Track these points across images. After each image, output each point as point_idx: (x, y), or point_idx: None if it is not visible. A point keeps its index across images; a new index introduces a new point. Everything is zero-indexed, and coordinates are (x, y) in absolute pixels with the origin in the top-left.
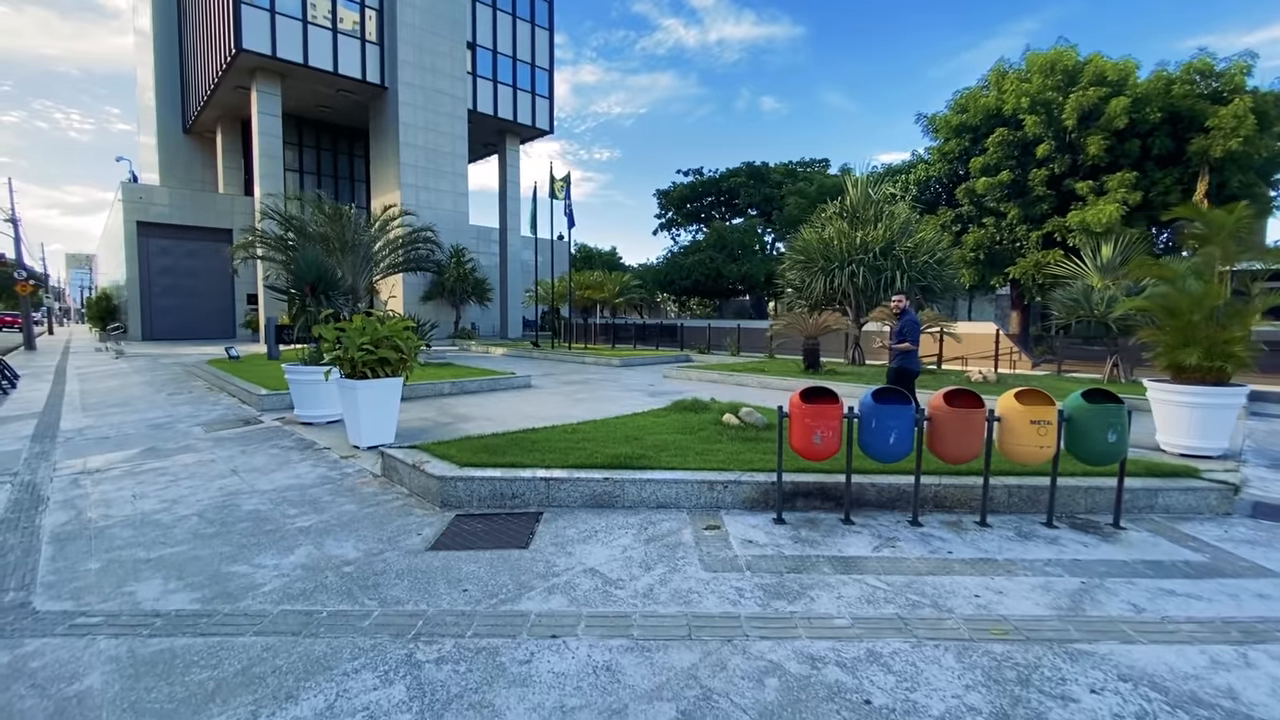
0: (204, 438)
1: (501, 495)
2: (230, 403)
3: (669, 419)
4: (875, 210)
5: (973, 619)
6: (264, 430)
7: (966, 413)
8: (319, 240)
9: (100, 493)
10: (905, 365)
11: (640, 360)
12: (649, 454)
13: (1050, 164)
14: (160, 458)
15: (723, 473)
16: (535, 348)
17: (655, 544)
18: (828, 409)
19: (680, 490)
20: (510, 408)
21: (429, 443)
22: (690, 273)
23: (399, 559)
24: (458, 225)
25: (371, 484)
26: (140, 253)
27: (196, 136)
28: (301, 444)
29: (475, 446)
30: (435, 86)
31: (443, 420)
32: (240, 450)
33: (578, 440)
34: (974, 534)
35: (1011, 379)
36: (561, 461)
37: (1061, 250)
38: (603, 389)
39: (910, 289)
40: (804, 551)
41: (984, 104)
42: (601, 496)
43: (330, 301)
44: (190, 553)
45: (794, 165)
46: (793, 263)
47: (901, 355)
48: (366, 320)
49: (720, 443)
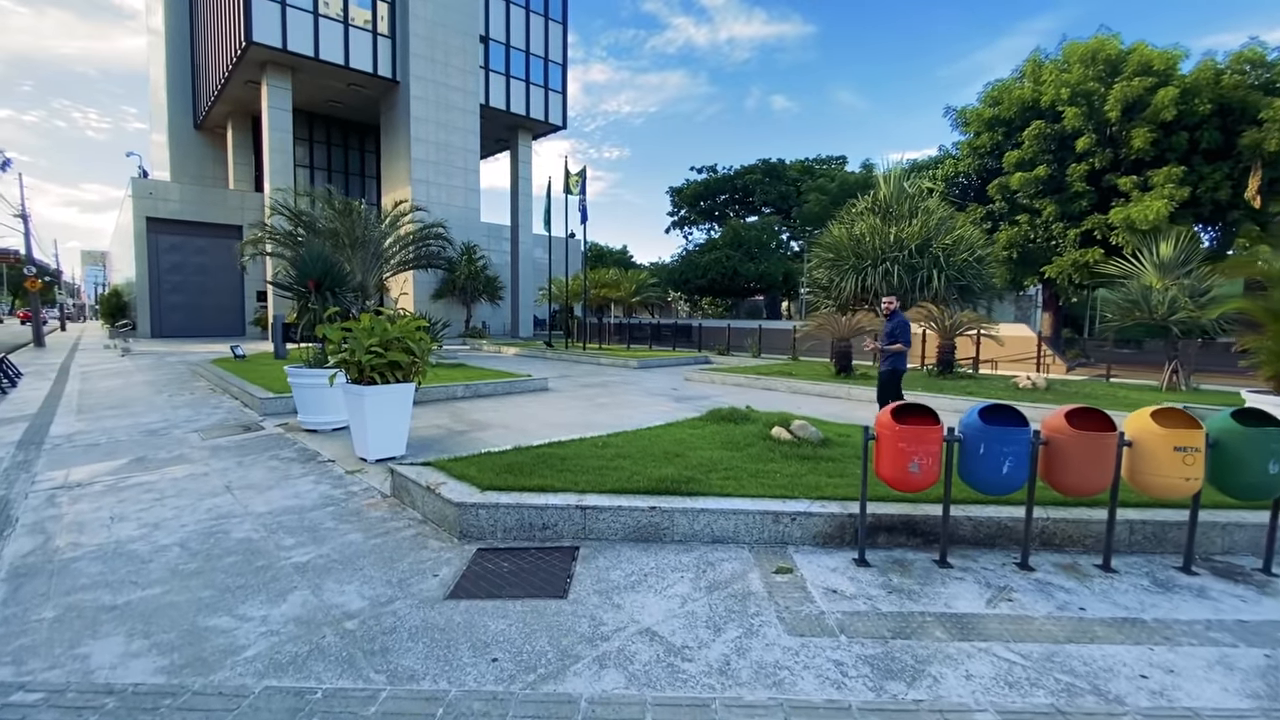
0: (200, 446)
1: (530, 525)
2: (232, 406)
3: (708, 431)
4: (910, 205)
5: (1154, 715)
6: (264, 438)
7: (1096, 437)
8: (328, 236)
9: (76, 514)
10: (896, 366)
11: (658, 362)
12: (697, 476)
13: (1090, 158)
14: (149, 470)
15: (788, 501)
16: (549, 348)
17: (720, 593)
18: (926, 431)
19: (740, 522)
20: (528, 414)
21: (445, 459)
22: (706, 271)
23: (412, 611)
24: (469, 222)
25: (380, 506)
26: (149, 249)
27: (207, 133)
28: (304, 455)
29: (497, 465)
30: (447, 81)
31: (457, 428)
32: (237, 462)
33: (611, 457)
34: (1100, 582)
35: (1062, 386)
36: (597, 485)
37: (1101, 249)
38: (624, 393)
39: (948, 288)
40: (903, 606)
41: (1018, 96)
42: (647, 529)
43: (337, 299)
44: (164, 598)
45: (810, 162)
46: (820, 260)
47: (893, 356)
48: (375, 319)
49: (774, 461)
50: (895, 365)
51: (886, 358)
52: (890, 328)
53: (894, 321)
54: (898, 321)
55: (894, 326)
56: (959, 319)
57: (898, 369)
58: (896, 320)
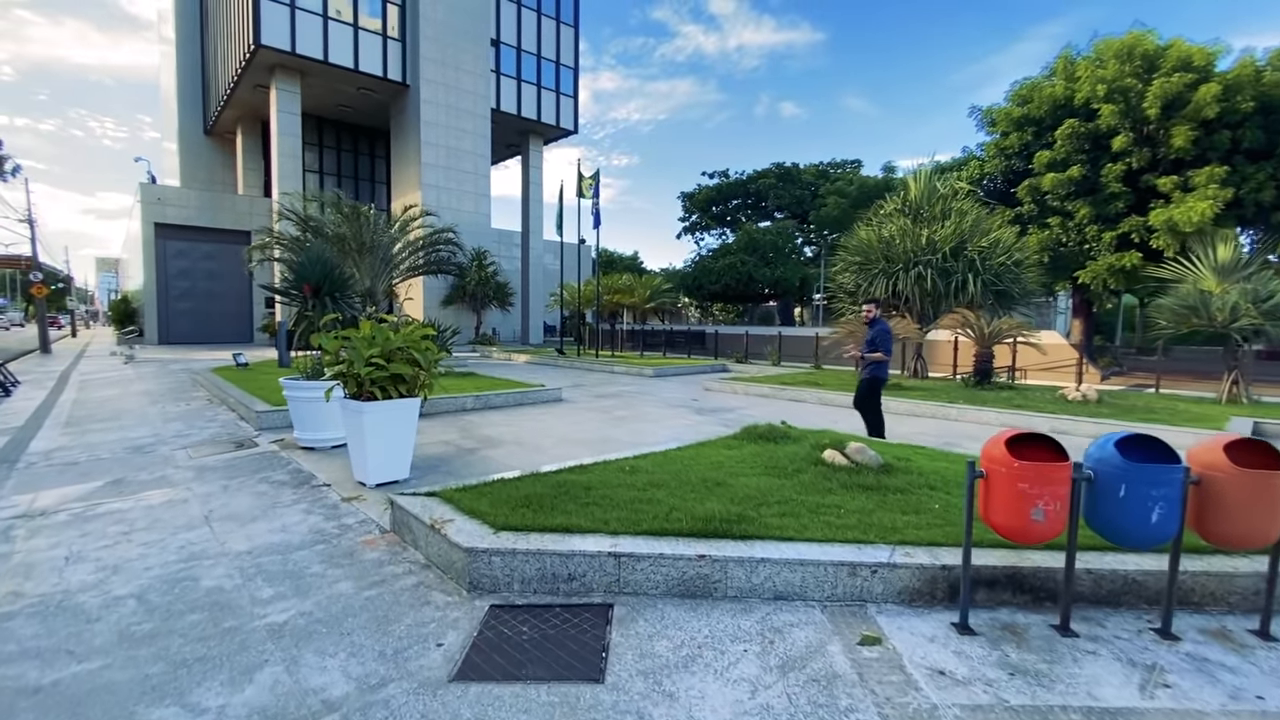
0: (185, 466)
1: (553, 576)
2: (228, 419)
3: (746, 452)
4: (942, 206)
5: None
6: (256, 457)
7: (1268, 476)
8: (336, 241)
9: (28, 552)
10: (877, 374)
11: (674, 370)
12: (748, 513)
13: (1127, 158)
14: (125, 494)
15: (863, 548)
16: (561, 355)
17: (797, 675)
18: (1053, 470)
19: (808, 575)
20: (542, 428)
21: (452, 487)
22: (720, 276)
23: (409, 700)
24: (479, 227)
25: (377, 544)
26: (158, 255)
27: (217, 138)
28: (297, 477)
29: (513, 497)
30: (458, 84)
31: (466, 444)
32: (223, 485)
33: (643, 486)
34: (1266, 656)
35: (1115, 399)
36: (632, 524)
37: (1139, 253)
38: (642, 404)
39: (984, 294)
40: (1036, 696)
41: (1049, 94)
42: (694, 582)
43: (338, 304)
44: (102, 675)
45: (825, 166)
46: (847, 264)
47: (874, 365)
48: (376, 327)
49: (832, 493)
50: (876, 374)
51: (867, 365)
52: (872, 335)
53: (876, 329)
54: (880, 329)
55: (876, 334)
56: (999, 326)
57: (879, 377)
58: (879, 328)
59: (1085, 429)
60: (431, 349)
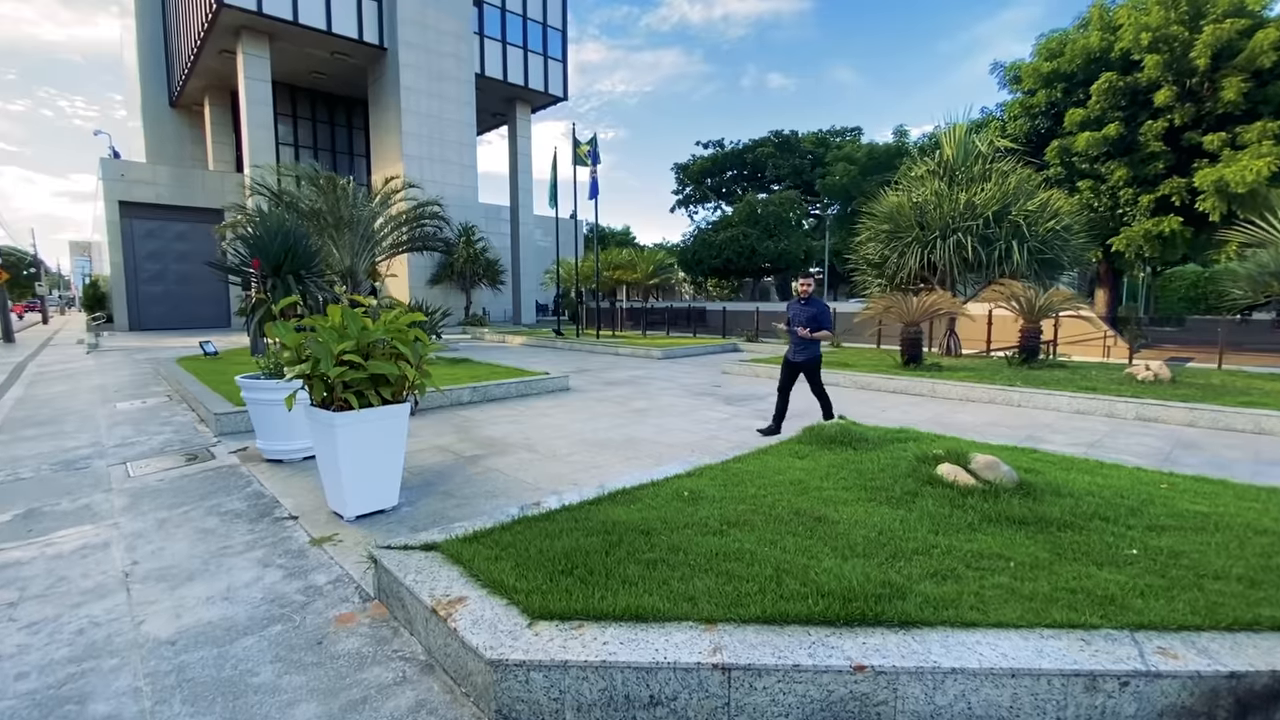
0: (121, 488)
1: (627, 701)
2: (185, 420)
3: (824, 463)
4: (981, 167)
5: None
6: (210, 475)
7: None
8: (311, 217)
9: None
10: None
11: (683, 351)
12: (891, 575)
13: (1169, 114)
14: (31, 537)
15: (1091, 637)
16: (559, 336)
17: None
18: None
19: (1022, 692)
20: (554, 426)
21: (459, 536)
22: (721, 250)
23: None
24: (466, 201)
25: (357, 623)
26: (124, 236)
27: (184, 111)
28: (255, 506)
29: (547, 555)
30: (439, 47)
31: (466, 451)
32: (159, 520)
33: (718, 525)
34: None
35: (1191, 378)
36: (730, 601)
37: (1180, 217)
38: (660, 393)
39: (1028, 262)
40: None
41: (1082, 46)
42: (846, 707)
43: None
44: None
45: (825, 134)
46: (873, 233)
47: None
48: (349, 313)
49: (980, 531)
50: (816, 353)
51: (803, 346)
52: (815, 312)
53: (818, 306)
54: (821, 307)
55: (819, 311)
56: (1051, 299)
57: (818, 356)
58: (820, 305)
59: (1176, 415)
60: (422, 339)
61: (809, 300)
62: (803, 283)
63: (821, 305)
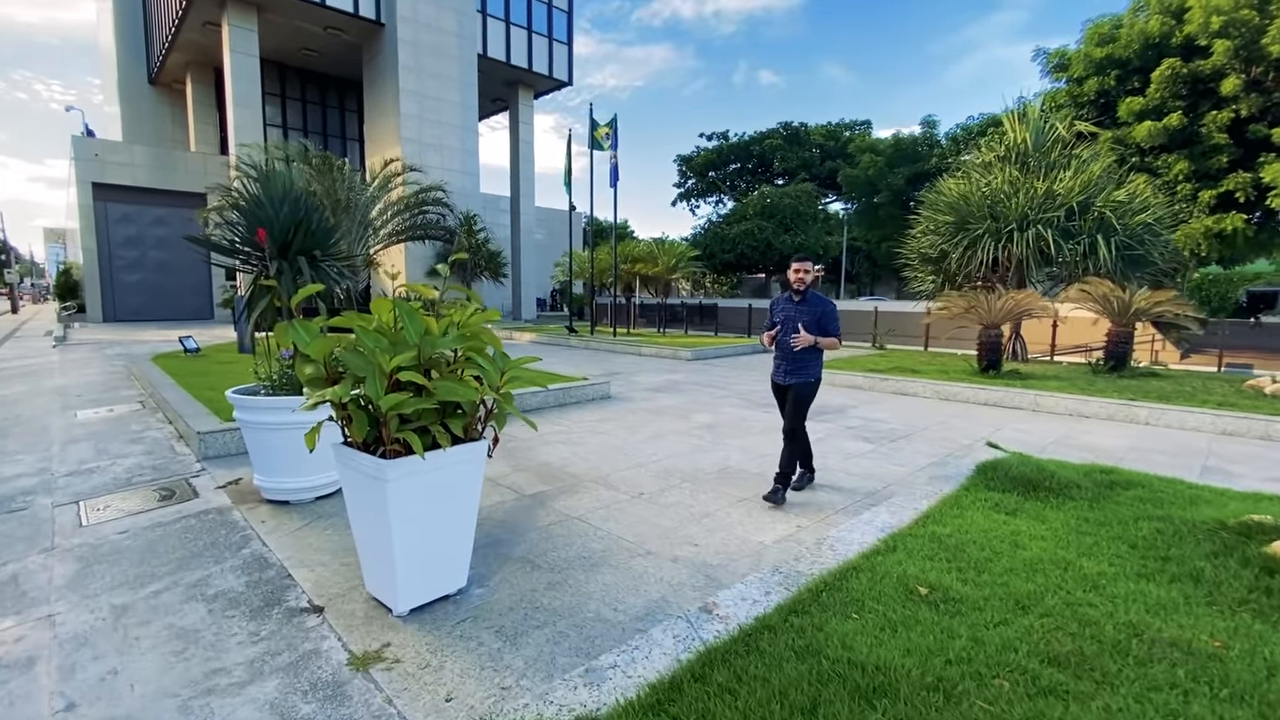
0: (67, 547)
1: None
2: (160, 436)
3: (1054, 524)
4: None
5: None
6: (192, 524)
7: None
8: None
9: None
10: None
11: (714, 352)
12: None
13: (1235, 104)
14: None
15: None
16: (572, 334)
17: None
18: None
19: None
20: (617, 448)
21: (627, 697)
22: (735, 244)
23: None
24: (468, 189)
25: None
26: (98, 220)
27: (164, 89)
28: (259, 585)
29: None
30: (440, 24)
31: (525, 485)
32: (117, 611)
33: (1031, 662)
34: None
35: None
36: None
37: (1244, 215)
38: (717, 403)
39: (1116, 258)
40: None
41: (1140, 31)
42: None
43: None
44: None
45: (835, 126)
46: (933, 225)
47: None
48: (404, 309)
49: None
50: (816, 373)
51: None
52: (821, 312)
53: (821, 305)
54: (826, 305)
55: (825, 311)
56: (1152, 299)
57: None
58: (825, 303)
59: None
60: (497, 346)
61: (806, 296)
62: (797, 269)
63: (826, 302)
